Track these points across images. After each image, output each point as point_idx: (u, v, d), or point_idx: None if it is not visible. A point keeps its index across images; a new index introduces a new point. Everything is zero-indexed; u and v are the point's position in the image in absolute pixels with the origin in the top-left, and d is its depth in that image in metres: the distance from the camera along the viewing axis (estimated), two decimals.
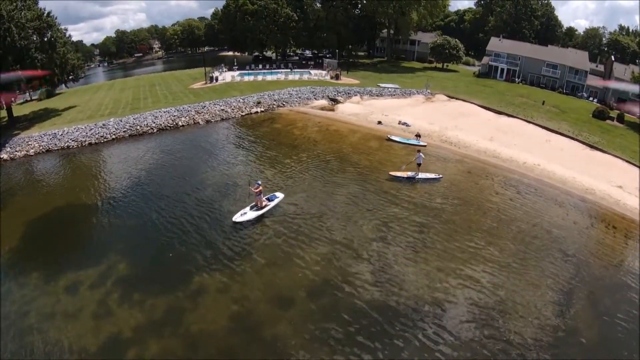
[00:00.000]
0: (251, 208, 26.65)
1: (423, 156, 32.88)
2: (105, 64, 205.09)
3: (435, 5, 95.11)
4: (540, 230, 26.57)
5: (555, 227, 27.17)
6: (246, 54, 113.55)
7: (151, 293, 19.79)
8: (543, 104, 62.36)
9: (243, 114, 53.44)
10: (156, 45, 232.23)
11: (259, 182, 26.70)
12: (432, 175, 33.35)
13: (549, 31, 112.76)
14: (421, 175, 32.91)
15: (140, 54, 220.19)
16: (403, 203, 28.94)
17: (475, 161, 38.25)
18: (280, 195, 28.46)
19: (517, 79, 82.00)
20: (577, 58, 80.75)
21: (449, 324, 17.87)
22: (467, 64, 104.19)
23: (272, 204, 27.46)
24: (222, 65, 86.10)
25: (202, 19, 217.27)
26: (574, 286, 21.18)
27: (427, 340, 16.91)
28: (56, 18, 51.79)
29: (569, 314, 19.19)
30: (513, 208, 29.37)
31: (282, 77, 75.23)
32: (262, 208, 26.68)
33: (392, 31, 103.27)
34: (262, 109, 55.06)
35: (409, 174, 32.75)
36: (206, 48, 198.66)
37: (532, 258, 23.24)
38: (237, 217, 25.70)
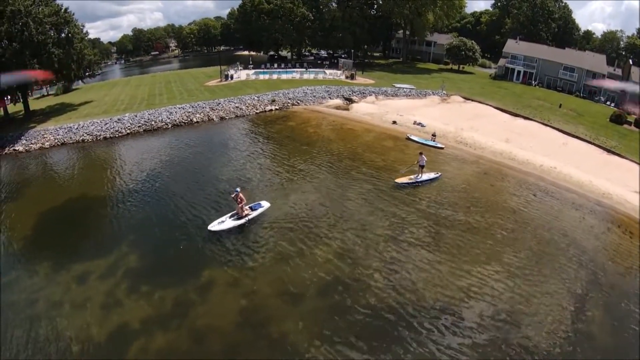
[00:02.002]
0: (231, 217, 25.18)
1: (425, 158, 32.05)
2: (122, 62, 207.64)
3: (451, 6, 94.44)
4: (556, 233, 26.13)
5: (571, 231, 26.72)
6: (262, 53, 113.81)
7: (160, 285, 19.88)
8: (560, 107, 61.72)
9: (257, 111, 53.65)
10: (172, 44, 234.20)
11: (238, 189, 25.03)
12: (432, 175, 32.84)
13: (566, 34, 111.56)
14: (424, 177, 32.29)
15: (157, 52, 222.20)
16: (417, 203, 28.71)
17: (490, 163, 37.85)
18: (265, 204, 26.72)
19: (533, 82, 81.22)
20: (595, 61, 79.83)
21: (461, 327, 17.56)
22: (483, 66, 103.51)
23: (255, 213, 25.80)
24: (238, 63, 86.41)
25: (218, 18, 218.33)
26: (589, 291, 20.74)
27: (438, 343, 16.62)
28: (73, 14, 52.41)
29: (584, 319, 18.80)
30: (529, 210, 28.98)
31: (297, 76, 75.31)
32: (242, 217, 25.11)
33: (407, 32, 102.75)
34: (277, 107, 55.23)
35: (412, 177, 32.07)
36: (222, 47, 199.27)
37: (547, 262, 22.84)
38: (214, 226, 24.28)
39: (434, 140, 41.52)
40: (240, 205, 24.87)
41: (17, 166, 37.27)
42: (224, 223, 24.62)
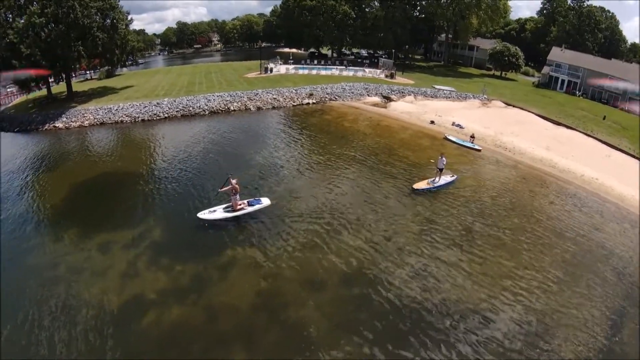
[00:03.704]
0: (224, 208, 24.48)
1: (445, 161, 30.46)
2: (165, 53, 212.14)
3: (496, 10, 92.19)
4: (594, 245, 24.98)
5: (611, 243, 25.44)
6: (302, 50, 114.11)
7: (181, 260, 20.15)
8: (604, 118, 59.63)
9: (294, 104, 54.18)
10: (215, 38, 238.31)
11: (234, 181, 24.09)
12: (449, 178, 31.40)
13: (612, 45, 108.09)
14: (442, 181, 30.74)
15: (200, 46, 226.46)
16: (450, 203, 28.12)
17: (529, 168, 36.83)
18: (265, 202, 25.51)
19: (577, 92, 78.70)
20: None
21: (486, 335, 16.68)
22: (526, 74, 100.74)
23: (251, 209, 24.79)
24: (277, 57, 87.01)
25: (261, 15, 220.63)
26: (626, 308, 19.66)
27: (460, 348, 15.88)
28: (119, 1, 53.59)
29: (620, 337, 17.78)
30: (567, 219, 27.90)
31: (336, 72, 75.38)
32: (235, 211, 24.30)
33: (450, 35, 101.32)
34: (314, 101, 55.59)
35: (429, 181, 30.48)
36: (264, 44, 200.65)
37: (584, 273, 21.78)
38: (204, 214, 23.87)
39: (472, 142, 40.72)
40: (234, 195, 24.19)
41: (56, 141, 38.65)
42: (215, 213, 24.24)
